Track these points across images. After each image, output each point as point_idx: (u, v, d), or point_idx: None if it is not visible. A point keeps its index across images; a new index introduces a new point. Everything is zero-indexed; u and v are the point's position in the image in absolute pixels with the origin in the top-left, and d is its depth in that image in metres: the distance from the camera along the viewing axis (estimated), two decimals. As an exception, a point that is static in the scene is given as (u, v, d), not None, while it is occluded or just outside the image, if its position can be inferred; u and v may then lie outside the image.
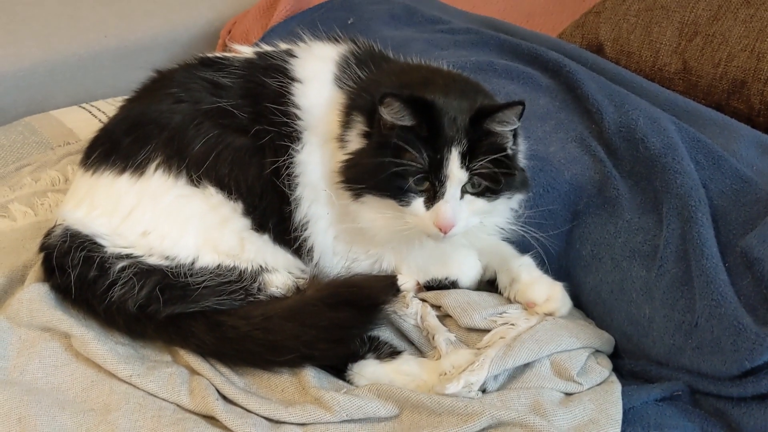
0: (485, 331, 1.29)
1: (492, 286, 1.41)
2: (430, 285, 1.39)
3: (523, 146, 1.37)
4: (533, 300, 1.33)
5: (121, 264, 1.26)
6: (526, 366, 1.23)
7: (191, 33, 2.57)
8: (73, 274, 1.26)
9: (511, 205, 1.35)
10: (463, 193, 1.23)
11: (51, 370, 1.24)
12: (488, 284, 1.42)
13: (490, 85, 1.44)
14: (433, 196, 1.22)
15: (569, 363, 1.23)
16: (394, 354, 1.26)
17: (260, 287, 1.29)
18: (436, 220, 1.22)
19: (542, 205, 1.40)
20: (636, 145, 1.43)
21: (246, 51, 1.42)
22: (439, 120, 1.21)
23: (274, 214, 1.30)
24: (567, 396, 1.21)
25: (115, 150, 1.31)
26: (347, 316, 1.23)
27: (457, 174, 1.21)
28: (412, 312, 1.33)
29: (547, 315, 1.32)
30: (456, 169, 1.21)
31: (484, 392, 1.21)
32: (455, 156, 1.21)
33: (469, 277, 1.39)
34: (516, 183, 1.28)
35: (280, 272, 1.31)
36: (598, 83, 1.61)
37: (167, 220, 1.28)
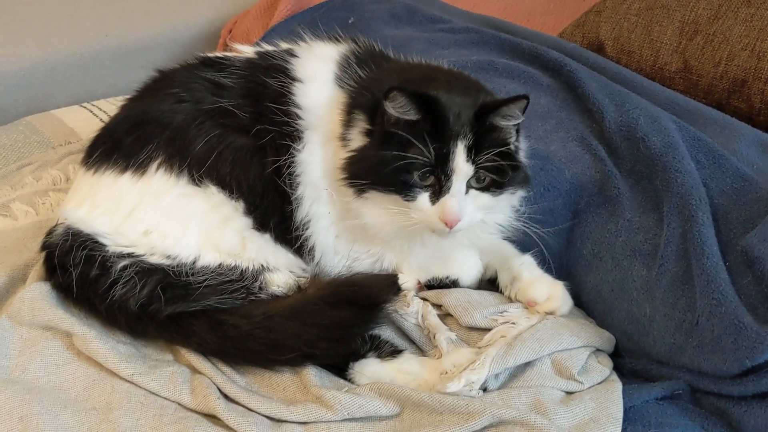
0: (486, 330, 1.30)
1: (493, 285, 1.41)
2: (431, 284, 1.39)
3: (524, 145, 1.37)
4: (534, 299, 1.33)
5: (122, 263, 1.26)
6: (527, 365, 1.24)
7: (192, 32, 2.57)
8: (74, 273, 1.26)
9: (513, 203, 1.35)
10: (468, 188, 1.24)
11: (53, 369, 1.24)
12: (489, 283, 1.43)
13: (490, 84, 1.44)
14: (438, 191, 1.22)
15: (570, 362, 1.23)
16: (395, 353, 1.26)
17: (261, 286, 1.29)
18: (442, 215, 1.22)
19: (543, 204, 1.40)
20: (637, 144, 1.43)
21: (247, 51, 1.42)
22: (444, 115, 1.21)
23: (275, 213, 1.31)
24: (568, 395, 1.21)
25: (116, 149, 1.31)
26: (348, 314, 1.24)
27: (463, 168, 1.21)
28: (413, 311, 1.33)
29: (548, 314, 1.33)
30: (462, 162, 1.21)
31: (485, 391, 1.21)
32: (461, 149, 1.21)
33: (470, 276, 1.39)
34: (519, 178, 1.29)
35: (281, 271, 1.32)
36: (599, 82, 1.61)
37: (169, 219, 1.28)
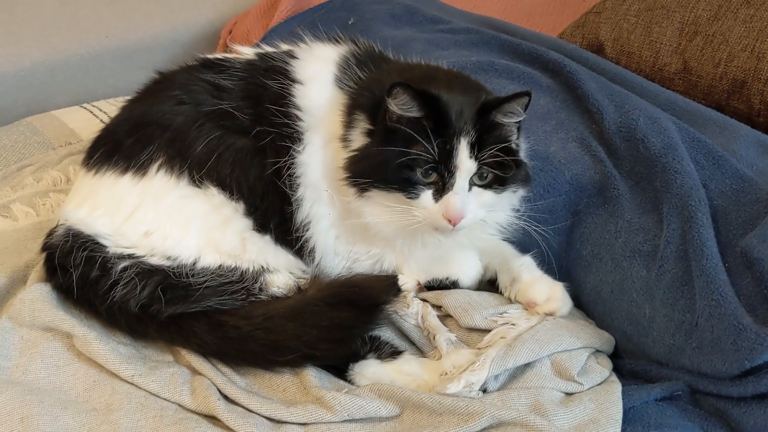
0: (486, 331, 1.30)
1: (493, 286, 1.41)
2: (431, 285, 1.39)
3: (524, 146, 1.37)
4: (534, 300, 1.33)
5: (123, 264, 1.26)
6: (527, 366, 1.24)
7: (192, 33, 2.57)
8: (75, 274, 1.27)
9: (513, 203, 1.35)
10: (471, 185, 1.24)
11: (53, 370, 1.24)
12: (489, 284, 1.43)
13: (490, 85, 1.44)
14: (441, 188, 1.22)
15: (570, 363, 1.23)
16: (395, 354, 1.26)
17: (262, 287, 1.30)
18: (445, 212, 1.22)
19: (542, 205, 1.41)
20: (636, 145, 1.43)
21: (247, 52, 1.42)
22: (447, 112, 1.22)
23: (275, 214, 1.31)
24: (567, 396, 1.21)
25: (117, 150, 1.31)
26: (348, 316, 1.24)
27: (466, 164, 1.21)
28: (413, 312, 1.33)
29: (548, 315, 1.33)
30: (465, 158, 1.21)
31: (484, 392, 1.21)
32: (464, 146, 1.21)
33: (469, 277, 1.39)
34: (521, 176, 1.29)
35: (281, 272, 1.32)
36: (599, 83, 1.61)
37: (169, 220, 1.28)
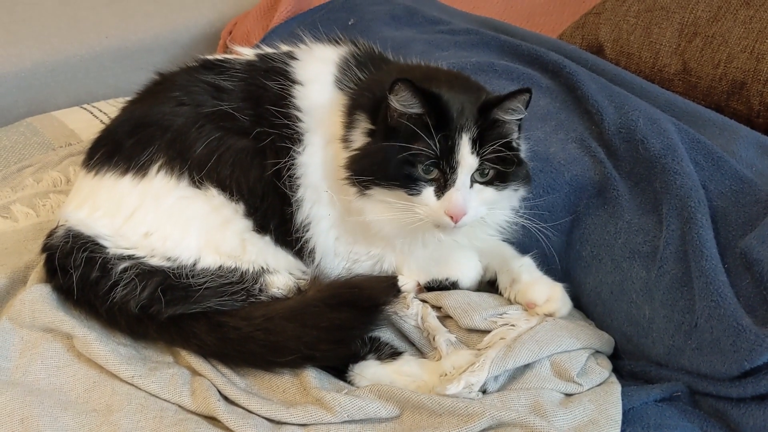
0: (485, 332, 1.30)
1: (492, 286, 1.42)
2: (431, 286, 1.39)
3: (524, 146, 1.38)
4: (533, 301, 1.33)
5: (123, 265, 1.26)
6: (527, 367, 1.24)
7: (192, 34, 2.57)
8: (75, 275, 1.27)
9: (513, 203, 1.35)
10: (473, 182, 1.24)
11: (53, 371, 1.24)
12: (488, 285, 1.43)
13: (490, 85, 1.44)
14: (443, 185, 1.23)
15: (569, 364, 1.23)
16: (394, 355, 1.26)
17: (261, 288, 1.30)
18: (447, 208, 1.22)
19: (542, 206, 1.41)
20: (636, 146, 1.43)
21: (247, 53, 1.42)
22: (448, 109, 1.22)
23: (275, 215, 1.31)
24: (567, 396, 1.21)
25: (117, 151, 1.32)
26: (348, 316, 1.24)
27: (468, 160, 1.22)
28: (413, 313, 1.33)
29: (548, 316, 1.33)
30: (467, 154, 1.21)
31: (484, 393, 1.21)
32: (466, 142, 1.21)
33: (469, 278, 1.39)
34: (522, 174, 1.30)
35: (281, 273, 1.32)
36: (598, 84, 1.61)
37: (169, 221, 1.28)
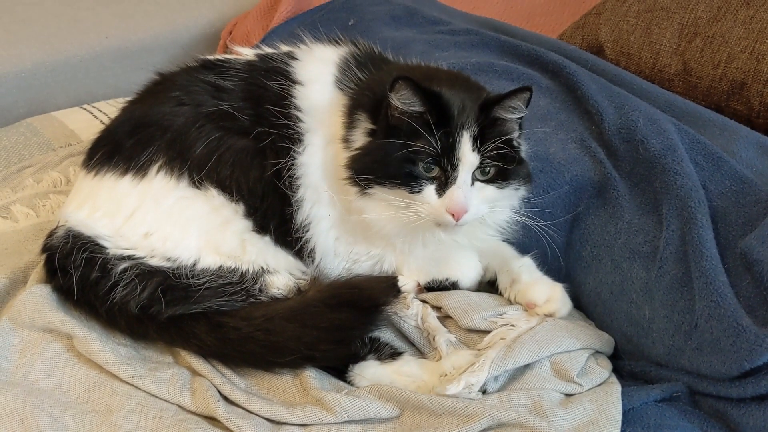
0: (485, 332, 1.30)
1: (492, 287, 1.42)
2: (431, 286, 1.39)
3: (524, 146, 1.38)
4: (533, 301, 1.33)
5: (123, 265, 1.26)
6: (527, 367, 1.24)
7: (192, 34, 2.57)
8: (75, 275, 1.27)
9: (514, 203, 1.35)
10: (473, 180, 1.24)
11: (53, 372, 1.24)
12: (488, 285, 1.43)
13: (490, 86, 1.44)
14: (444, 183, 1.23)
15: (569, 364, 1.23)
16: (394, 355, 1.26)
17: (261, 288, 1.30)
18: (449, 206, 1.22)
19: (542, 206, 1.41)
20: (636, 147, 1.44)
21: (247, 53, 1.42)
22: (449, 107, 1.22)
23: (275, 215, 1.31)
24: (567, 397, 1.22)
25: (117, 151, 1.32)
26: (348, 317, 1.24)
27: (469, 157, 1.22)
28: (413, 313, 1.33)
29: (548, 316, 1.33)
30: (468, 152, 1.21)
31: (484, 393, 1.21)
32: (467, 139, 1.21)
33: (469, 278, 1.39)
34: (523, 172, 1.30)
35: (281, 273, 1.32)
36: (599, 84, 1.61)
37: (169, 221, 1.28)
